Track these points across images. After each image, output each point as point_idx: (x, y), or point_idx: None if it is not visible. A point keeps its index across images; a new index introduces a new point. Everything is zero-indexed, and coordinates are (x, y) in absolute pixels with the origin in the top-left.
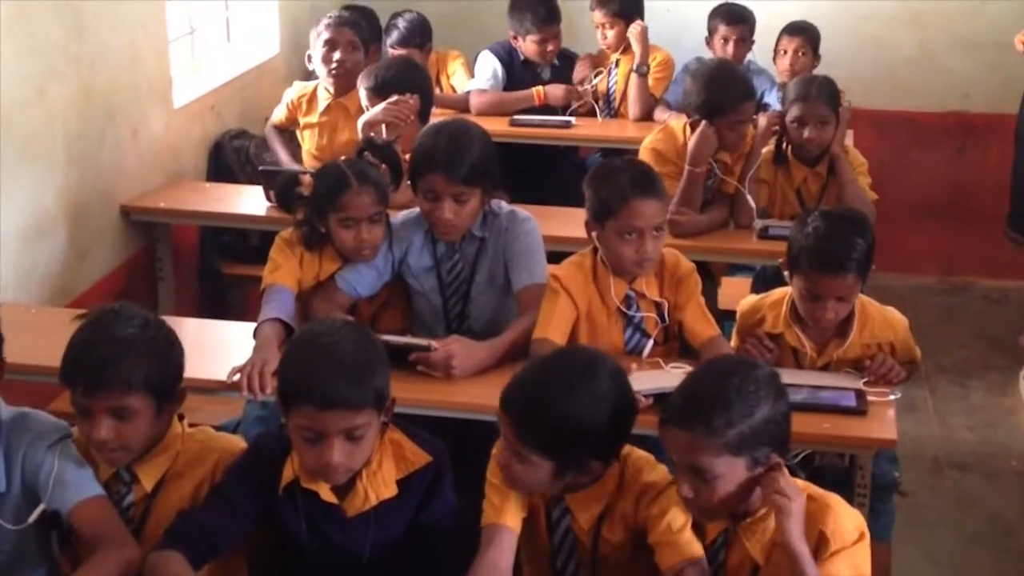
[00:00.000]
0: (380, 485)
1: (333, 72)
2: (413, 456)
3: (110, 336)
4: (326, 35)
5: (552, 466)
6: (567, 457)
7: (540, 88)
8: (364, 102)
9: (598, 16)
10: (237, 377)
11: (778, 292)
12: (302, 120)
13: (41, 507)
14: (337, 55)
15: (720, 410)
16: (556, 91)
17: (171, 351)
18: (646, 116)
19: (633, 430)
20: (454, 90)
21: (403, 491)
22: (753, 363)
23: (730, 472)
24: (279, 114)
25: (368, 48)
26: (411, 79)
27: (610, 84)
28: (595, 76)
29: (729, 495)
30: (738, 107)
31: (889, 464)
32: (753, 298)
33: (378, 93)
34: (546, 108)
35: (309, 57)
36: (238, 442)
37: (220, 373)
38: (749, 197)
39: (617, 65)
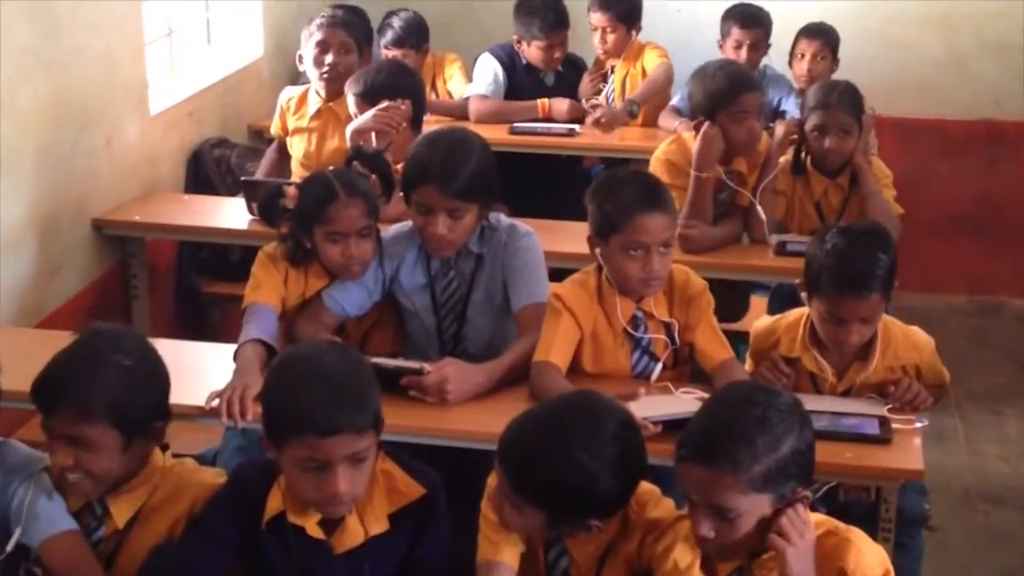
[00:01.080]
0: (371, 519)
1: (324, 76)
2: (406, 488)
3: (80, 358)
4: (318, 36)
5: (546, 518)
6: (563, 516)
7: (545, 100)
8: (352, 108)
9: (597, 19)
10: (216, 403)
11: (794, 313)
12: (292, 124)
13: (17, 534)
14: (329, 57)
15: (744, 445)
16: (561, 106)
17: (149, 384)
18: (652, 122)
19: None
20: (451, 95)
21: (395, 526)
22: (773, 390)
23: (755, 510)
24: (274, 126)
25: (362, 50)
26: (402, 84)
27: (608, 92)
28: (600, 88)
29: (752, 533)
30: (738, 97)
31: (918, 496)
32: (768, 320)
33: (367, 99)
34: (549, 119)
35: (300, 58)
36: (218, 476)
37: (198, 398)
38: (760, 208)
39: (614, 71)
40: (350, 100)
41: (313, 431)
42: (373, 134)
